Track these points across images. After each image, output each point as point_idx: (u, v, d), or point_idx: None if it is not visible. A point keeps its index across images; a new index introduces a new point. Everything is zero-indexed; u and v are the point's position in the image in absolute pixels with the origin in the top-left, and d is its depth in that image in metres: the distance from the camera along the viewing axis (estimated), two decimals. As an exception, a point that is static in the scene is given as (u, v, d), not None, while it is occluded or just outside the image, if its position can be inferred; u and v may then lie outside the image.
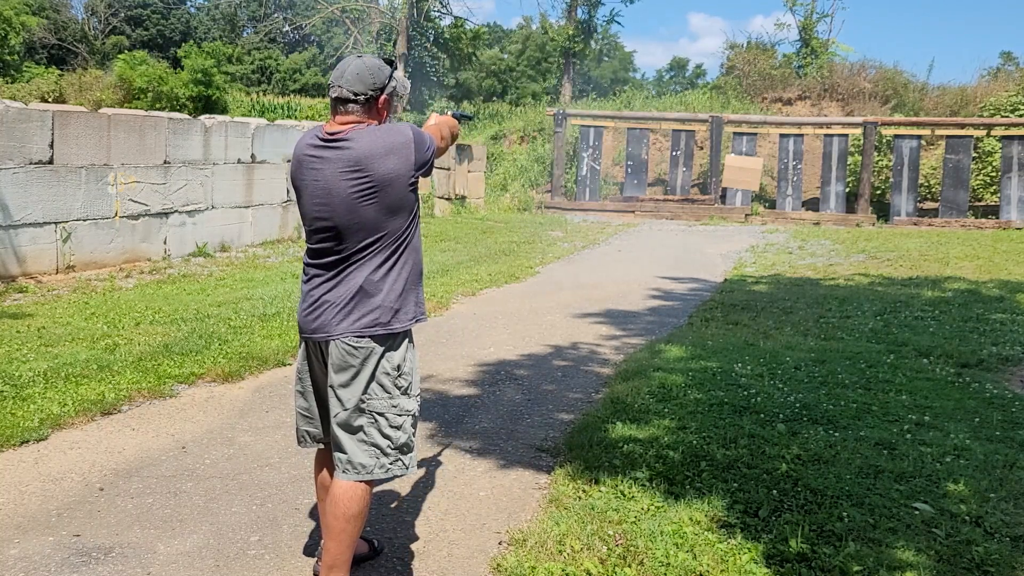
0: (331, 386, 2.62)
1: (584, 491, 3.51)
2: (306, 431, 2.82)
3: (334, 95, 2.61)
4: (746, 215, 19.08)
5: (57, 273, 8.55)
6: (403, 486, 3.62)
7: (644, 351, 6.10)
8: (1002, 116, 19.73)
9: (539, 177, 22.19)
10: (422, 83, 21.46)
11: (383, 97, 2.64)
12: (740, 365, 5.51)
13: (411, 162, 2.57)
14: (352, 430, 2.61)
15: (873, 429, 4.28)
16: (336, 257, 2.59)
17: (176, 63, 31.44)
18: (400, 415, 2.63)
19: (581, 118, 21.36)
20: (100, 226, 9.09)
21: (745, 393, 4.83)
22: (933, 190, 19.48)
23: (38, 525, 3.19)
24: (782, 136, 19.81)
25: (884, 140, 19.70)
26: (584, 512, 3.27)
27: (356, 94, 2.58)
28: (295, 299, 7.28)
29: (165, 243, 10.04)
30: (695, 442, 4.01)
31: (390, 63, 2.73)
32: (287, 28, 54.78)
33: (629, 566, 2.87)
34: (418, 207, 2.68)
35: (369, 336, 2.57)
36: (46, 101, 20.93)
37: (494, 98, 43.40)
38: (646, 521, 3.18)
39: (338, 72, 2.62)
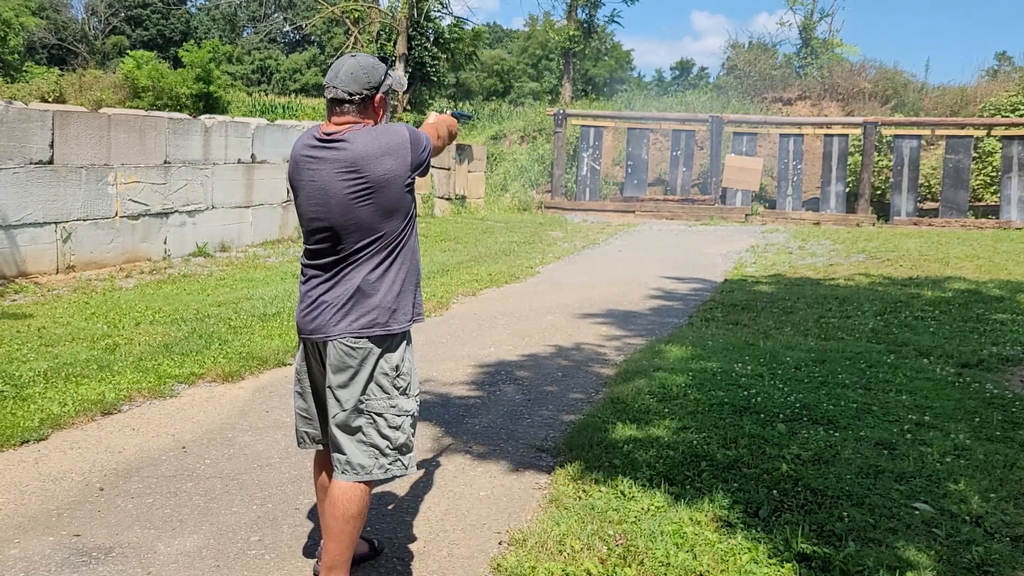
0: (329, 387, 2.62)
1: (584, 491, 3.51)
2: (305, 432, 2.82)
3: (329, 96, 2.60)
4: (746, 215, 19.07)
5: (57, 273, 8.55)
6: (403, 486, 3.62)
7: (644, 351, 6.10)
8: (1002, 116, 19.73)
9: (539, 177, 22.19)
10: (422, 83, 21.42)
11: (378, 96, 2.63)
12: (740, 365, 5.51)
13: (407, 163, 2.56)
14: (351, 431, 2.60)
15: (873, 429, 4.28)
16: (333, 258, 2.59)
17: (176, 63, 31.47)
18: (399, 415, 2.63)
19: (581, 118, 21.36)
20: (100, 226, 9.09)
21: (745, 393, 4.83)
22: (933, 190, 19.47)
23: (38, 525, 3.19)
24: (782, 136, 19.81)
25: (884, 140, 19.69)
26: (584, 512, 3.27)
27: (351, 94, 2.58)
28: (295, 299, 7.27)
29: (165, 243, 10.04)
30: (695, 442, 4.01)
31: (385, 61, 2.73)
32: (287, 28, 54.79)
33: (629, 566, 2.87)
34: (415, 208, 2.68)
35: (367, 337, 2.57)
36: (46, 101, 20.93)
37: (494, 97, 43.45)
38: (646, 521, 3.18)
39: (332, 73, 2.62)
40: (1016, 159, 18.10)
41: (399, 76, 2.81)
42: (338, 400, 2.60)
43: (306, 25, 28.92)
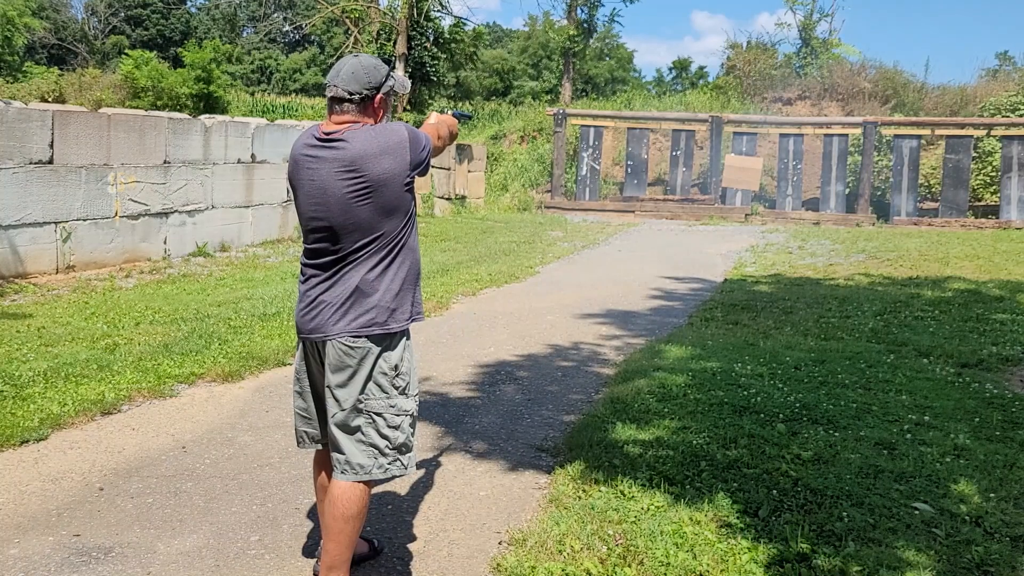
0: (328, 386, 2.62)
1: (584, 491, 3.51)
2: (305, 432, 2.82)
3: (330, 95, 2.61)
4: (746, 215, 19.07)
5: (57, 273, 8.55)
6: (403, 486, 3.62)
7: (644, 351, 6.10)
8: (1002, 116, 19.72)
9: (539, 177, 22.19)
10: (422, 83, 21.42)
11: (379, 96, 2.63)
12: (740, 365, 5.51)
13: (406, 162, 2.56)
14: (350, 430, 2.60)
15: (873, 429, 4.28)
16: (332, 257, 2.59)
17: (176, 63, 31.48)
18: (398, 415, 2.63)
19: (581, 118, 21.36)
20: (100, 226, 9.09)
21: (745, 393, 4.83)
22: (933, 190, 19.48)
23: (38, 525, 3.19)
24: (782, 136, 19.80)
25: (884, 140, 19.69)
26: (584, 512, 3.27)
27: (351, 93, 2.58)
28: (295, 299, 7.27)
29: (165, 243, 10.04)
30: (695, 442, 4.01)
31: (387, 63, 2.73)
32: (287, 28, 54.80)
33: (629, 566, 2.87)
34: (414, 207, 2.68)
35: (366, 336, 2.57)
36: (46, 101, 20.93)
37: (494, 97, 43.46)
38: (646, 521, 3.18)
39: (334, 71, 2.62)
40: (1016, 159, 18.10)
41: (402, 78, 2.80)
42: (337, 400, 2.60)
43: (306, 25, 28.91)
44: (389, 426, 2.61)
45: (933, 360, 5.91)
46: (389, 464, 2.63)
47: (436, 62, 21.65)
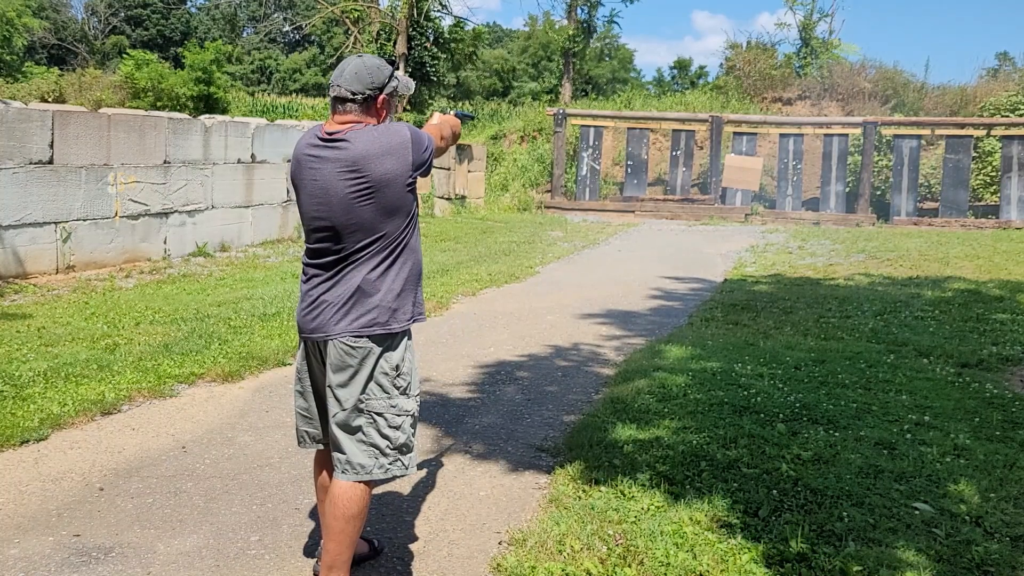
0: (329, 386, 2.62)
1: (584, 491, 3.51)
2: (305, 431, 2.82)
3: (333, 94, 2.61)
4: (746, 215, 19.06)
5: (57, 273, 8.55)
6: (403, 486, 3.62)
7: (644, 351, 6.10)
8: (1002, 116, 19.72)
9: (539, 177, 22.19)
10: (422, 83, 21.44)
11: (382, 97, 2.63)
12: (740, 365, 5.51)
13: (408, 163, 2.56)
14: (351, 430, 2.60)
15: (873, 429, 4.28)
16: (334, 257, 2.59)
17: (177, 63, 31.49)
18: (399, 415, 2.63)
19: (581, 118, 21.35)
20: (100, 226, 9.09)
21: (745, 393, 4.83)
22: (933, 190, 19.48)
23: (38, 525, 3.19)
24: (782, 136, 19.79)
25: (884, 140, 19.69)
26: (584, 512, 3.27)
27: (354, 93, 2.58)
28: (295, 299, 7.27)
29: (165, 243, 10.04)
30: (695, 442, 4.01)
31: (390, 63, 2.74)
32: (287, 28, 54.82)
33: (629, 566, 2.87)
34: (416, 208, 2.68)
35: (367, 336, 2.57)
36: (46, 101, 20.92)
37: (494, 97, 43.47)
38: (646, 521, 3.18)
39: (337, 71, 2.63)
40: (1016, 159, 18.10)
41: (406, 79, 2.80)
42: (338, 399, 2.60)
43: (306, 25, 28.94)
44: (390, 426, 2.61)
45: (933, 360, 5.91)
46: (390, 464, 2.63)
47: (436, 62, 21.65)
